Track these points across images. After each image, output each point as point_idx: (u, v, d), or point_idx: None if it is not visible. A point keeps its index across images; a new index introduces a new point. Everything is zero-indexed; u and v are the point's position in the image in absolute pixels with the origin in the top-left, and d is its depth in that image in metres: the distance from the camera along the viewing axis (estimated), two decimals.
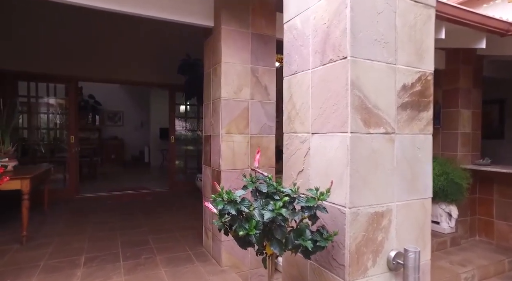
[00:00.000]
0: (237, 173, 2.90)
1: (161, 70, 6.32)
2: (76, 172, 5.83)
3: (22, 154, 5.73)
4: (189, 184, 6.69)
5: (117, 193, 6.19)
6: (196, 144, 7.19)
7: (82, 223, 4.26)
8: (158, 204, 5.44)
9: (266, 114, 3.04)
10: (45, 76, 5.58)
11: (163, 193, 6.40)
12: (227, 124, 2.86)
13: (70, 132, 5.78)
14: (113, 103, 11.46)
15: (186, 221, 4.42)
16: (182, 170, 7.11)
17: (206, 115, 3.27)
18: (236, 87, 2.90)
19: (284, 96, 1.81)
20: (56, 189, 5.75)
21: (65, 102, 5.88)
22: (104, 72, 5.96)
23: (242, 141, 2.93)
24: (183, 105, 7.22)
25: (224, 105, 2.85)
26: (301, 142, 1.66)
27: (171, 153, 6.58)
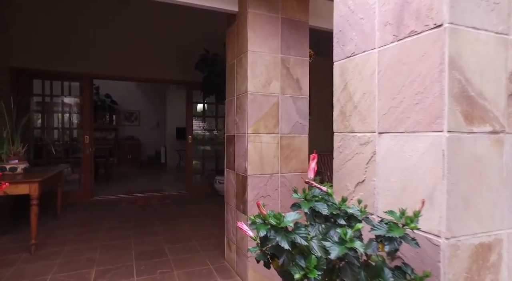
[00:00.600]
0: (265, 179, 2.53)
1: (178, 66, 6.02)
2: (90, 173, 5.60)
3: (37, 155, 5.55)
4: (207, 187, 6.37)
5: (133, 196, 5.93)
6: (214, 144, 6.87)
7: (95, 229, 3.99)
8: (174, 208, 5.13)
9: (298, 111, 2.66)
10: (59, 74, 5.36)
11: (180, 196, 6.10)
12: (255, 123, 2.50)
13: (85, 131, 5.55)
14: (130, 102, 11.31)
15: (205, 228, 4.08)
16: (199, 171, 6.81)
17: (229, 112, 2.92)
18: (264, 80, 2.53)
19: (335, 86, 1.43)
20: (70, 191, 5.53)
21: (80, 100, 5.65)
22: (119, 70, 5.71)
23: (271, 142, 2.56)
24: (200, 104, 6.91)
25: (251, 101, 2.48)
26: (361, 144, 1.28)
27: (188, 154, 6.28)
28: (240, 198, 2.62)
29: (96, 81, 10.63)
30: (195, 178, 6.50)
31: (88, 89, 5.59)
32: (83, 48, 5.44)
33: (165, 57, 5.97)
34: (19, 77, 5.19)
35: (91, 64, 5.51)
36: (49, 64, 5.27)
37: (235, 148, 2.73)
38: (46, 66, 5.26)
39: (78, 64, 5.42)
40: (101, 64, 5.57)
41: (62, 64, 5.33)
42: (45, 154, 5.73)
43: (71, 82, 5.64)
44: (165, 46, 5.96)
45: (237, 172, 2.70)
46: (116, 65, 5.67)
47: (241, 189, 2.59)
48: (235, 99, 2.74)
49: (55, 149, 6.08)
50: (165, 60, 5.97)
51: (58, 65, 5.31)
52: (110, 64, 5.63)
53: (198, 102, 6.54)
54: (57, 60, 5.29)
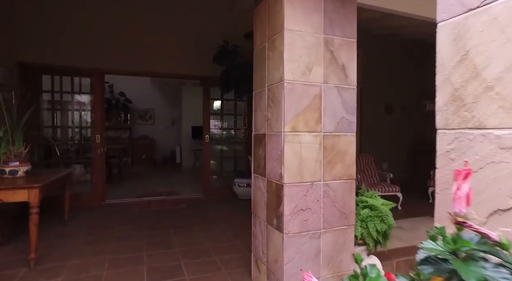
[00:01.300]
0: (305, 188, 2.06)
1: (195, 60, 5.60)
2: (102, 175, 5.23)
3: (47, 155, 5.23)
4: (225, 190, 5.93)
5: (146, 199, 5.54)
6: (232, 144, 6.42)
7: (104, 238, 3.59)
8: (191, 214, 4.71)
9: (344, 104, 2.17)
10: (68, 69, 5.01)
11: (196, 200, 5.68)
12: (293, 119, 2.02)
13: (96, 130, 5.18)
14: (144, 100, 11.01)
15: (226, 238, 3.63)
16: (217, 172, 6.37)
17: (258, 107, 2.45)
18: (304, 65, 2.05)
19: (442, 59, 0.94)
20: (80, 195, 5.18)
21: (91, 97, 5.29)
22: (132, 64, 5.32)
23: (313, 142, 2.07)
24: (217, 101, 6.49)
25: (289, 92, 2.01)
26: (503, 148, 0.79)
27: (205, 154, 5.85)
28: (273, 211, 2.15)
29: (110, 79, 10.38)
30: (212, 180, 6.07)
31: (99, 85, 5.22)
32: (94, 41, 5.08)
33: (181, 50, 5.56)
34: (27, 73, 4.86)
35: (103, 59, 5.15)
36: (58, 59, 4.93)
37: (267, 149, 2.26)
38: (55, 61, 4.91)
39: (89, 58, 5.07)
40: (113, 58, 5.20)
41: (72, 58, 4.98)
42: (55, 154, 5.40)
43: (82, 77, 5.28)
44: (181, 38, 5.54)
45: (268, 178, 2.23)
46: (128, 59, 5.29)
47: (275, 200, 2.12)
48: (266, 90, 2.27)
49: (67, 148, 5.76)
50: (181, 54, 5.56)
51: (67, 60, 4.96)
52: (123, 59, 5.25)
53: (215, 99, 6.11)
54: (66, 55, 4.95)
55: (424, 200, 5.48)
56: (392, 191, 4.88)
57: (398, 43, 6.62)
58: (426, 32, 5.60)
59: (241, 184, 5.48)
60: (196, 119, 10.30)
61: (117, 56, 5.22)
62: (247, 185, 5.45)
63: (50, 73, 5.07)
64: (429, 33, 5.80)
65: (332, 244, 2.15)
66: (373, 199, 2.41)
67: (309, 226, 2.07)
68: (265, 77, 2.29)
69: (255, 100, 2.51)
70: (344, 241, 2.19)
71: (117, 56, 5.22)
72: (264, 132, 2.30)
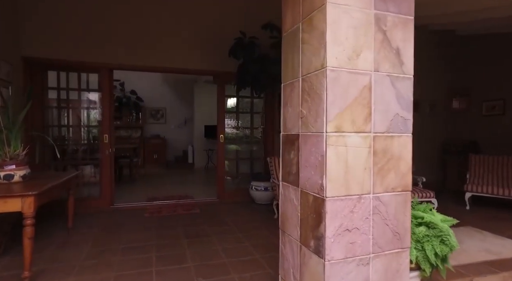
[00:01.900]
0: (352, 202, 1.64)
1: (208, 54, 5.22)
2: (110, 177, 4.91)
3: (54, 157, 4.93)
4: (241, 193, 5.55)
5: (157, 204, 5.19)
6: (249, 144, 6.01)
7: (110, 250, 3.24)
8: (205, 220, 4.33)
9: (399, 98, 1.74)
10: (74, 64, 4.69)
11: (211, 204, 5.30)
12: (337, 116, 1.61)
13: (104, 130, 4.86)
14: (156, 99, 10.73)
15: (245, 251, 3.23)
16: (232, 174, 5.99)
17: (288, 102, 2.04)
18: (351, 49, 1.63)
19: None
20: (87, 198, 4.87)
21: (99, 95, 4.96)
22: (141, 59, 4.97)
23: (361, 145, 1.66)
24: (231, 99, 6.10)
25: (333, 82, 1.59)
26: None
27: (219, 155, 5.47)
28: (309, 230, 1.74)
29: (121, 76, 10.11)
30: (227, 182, 5.68)
31: (107, 81, 4.89)
32: (102, 35, 4.75)
33: (194, 44, 5.19)
34: (33, 69, 4.56)
35: (111, 53, 4.82)
36: (64, 53, 4.61)
37: (301, 154, 1.85)
38: (61, 56, 4.60)
39: (96, 53, 4.74)
40: (122, 53, 4.86)
41: (79, 53, 4.66)
42: (63, 155, 5.11)
43: (89, 74, 4.96)
44: (194, 31, 5.17)
45: (303, 189, 1.82)
46: (138, 54, 4.95)
47: (313, 217, 1.71)
48: (300, 81, 1.86)
49: (75, 148, 5.47)
50: (194, 47, 5.19)
51: (74, 54, 4.65)
52: (132, 54, 4.91)
53: (230, 96, 5.71)
54: (73, 49, 4.63)
55: (460, 206, 4.98)
56: (426, 197, 4.40)
57: (426, 34, 6.09)
58: (457, 23, 5.10)
59: (258, 188, 5.09)
60: (209, 117, 9.97)
61: (126, 51, 4.88)
62: (265, 188, 5.05)
63: (56, 69, 4.76)
64: (461, 24, 5.20)
65: (383, 272, 1.73)
66: (430, 214, 1.97)
67: (356, 251, 1.65)
68: (298, 65, 1.88)
69: (284, 94, 2.10)
70: (398, 268, 1.76)
71: (126, 51, 4.88)
72: (297, 133, 1.89)
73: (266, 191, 5.06)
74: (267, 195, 5.09)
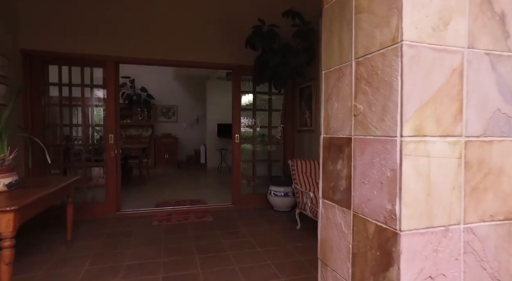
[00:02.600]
0: (436, 237, 1.14)
1: (223, 46, 4.76)
2: (116, 181, 4.50)
3: (55, 158, 4.56)
4: (258, 198, 5.08)
5: (166, 210, 4.77)
6: (266, 145, 5.52)
7: (111, 268, 2.81)
8: (219, 231, 3.88)
9: (501, 86, 1.22)
10: (77, 57, 4.29)
11: (225, 210, 4.85)
12: (417, 112, 1.10)
13: (108, 129, 4.45)
14: (167, 96, 10.35)
15: (269, 273, 2.75)
16: (248, 177, 5.52)
17: (333, 94, 1.54)
18: (437, 14, 1.12)
19: None
20: (91, 204, 4.48)
21: (103, 91, 4.56)
22: (150, 52, 4.54)
23: (449, 154, 1.15)
24: (245, 96, 5.62)
25: (411, 62, 1.09)
26: None
27: (235, 156, 5.00)
28: (370, 272, 1.25)
29: (131, 72, 9.75)
30: (243, 186, 5.21)
31: (113, 76, 4.48)
32: (107, 26, 4.35)
33: (206, 35, 4.73)
34: (32, 63, 4.18)
35: (117, 45, 4.41)
36: (66, 46, 4.22)
37: (355, 164, 1.35)
38: (62, 48, 4.21)
39: (101, 45, 4.34)
40: (129, 45, 4.45)
41: (82, 45, 4.27)
42: (64, 157, 4.73)
43: (94, 68, 4.55)
44: (207, 21, 4.72)
45: (359, 214, 1.32)
46: (146, 46, 4.52)
47: (377, 256, 1.21)
48: (353, 65, 1.36)
49: (78, 150, 5.09)
50: (206, 39, 4.73)
51: (76, 47, 4.25)
52: (140, 46, 4.49)
53: (247, 91, 5.24)
54: (75, 41, 4.24)
55: None
56: None
57: None
58: None
59: (277, 193, 4.60)
60: (222, 115, 9.55)
61: (134, 43, 4.46)
62: (285, 194, 4.56)
63: (58, 63, 4.37)
64: None
65: None
66: None
67: None
68: (349, 44, 1.38)
69: (327, 84, 1.60)
70: None
71: (134, 43, 4.46)
72: (348, 136, 1.39)
73: (286, 197, 4.57)
74: (287, 202, 4.60)
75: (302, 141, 4.90)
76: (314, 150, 4.49)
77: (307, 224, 4.03)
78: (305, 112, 4.77)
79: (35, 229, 3.79)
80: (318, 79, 4.32)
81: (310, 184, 4.03)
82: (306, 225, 4.02)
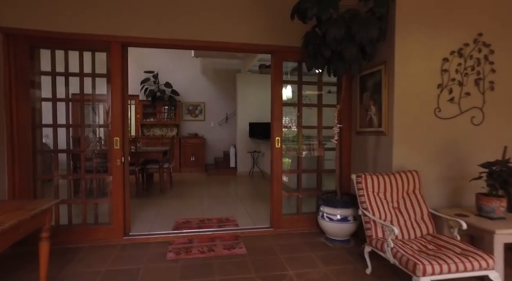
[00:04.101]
0: None
1: (260, 21, 3.63)
2: (122, 197, 3.50)
3: (47, 167, 3.62)
4: (304, 221, 3.91)
5: (187, 234, 3.70)
6: (315, 151, 4.31)
7: None
8: (257, 275, 2.74)
9: None
10: (74, 38, 3.31)
11: (263, 237, 3.72)
12: None
13: (114, 131, 3.45)
14: (193, 93, 9.39)
15: None
16: (288, 189, 4.35)
17: None
18: None
19: None
20: (90, 227, 3.50)
21: (108, 81, 3.55)
22: (166, 32, 3.50)
23: None
24: (291, 85, 4.44)
25: None
26: None
27: (275, 165, 3.84)
28: None
29: (153, 66, 8.88)
30: (285, 203, 4.03)
31: (119, 62, 3.47)
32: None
33: (239, 8, 3.62)
34: (16, 45, 3.25)
35: (124, 23, 3.41)
36: (59, 23, 3.26)
37: None
38: (56, 26, 3.26)
39: (104, 23, 3.35)
40: (140, 23, 3.43)
41: (80, 23, 3.30)
42: (46, 166, 3.79)
43: (96, 52, 3.57)
44: None
45: None
46: (162, 24, 3.48)
47: None
48: None
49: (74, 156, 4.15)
50: (237, 13, 3.62)
51: (73, 25, 3.29)
52: (154, 23, 3.46)
53: (290, 81, 4.06)
54: (72, 17, 3.28)
55: None
56: None
57: None
58: None
59: (333, 217, 3.40)
60: (254, 113, 8.46)
61: (146, 20, 3.43)
62: (343, 219, 3.37)
63: (51, 46, 3.41)
64: None
65: None
66: None
67: None
68: None
69: None
70: None
71: (146, 20, 3.43)
72: None
73: (344, 222, 3.37)
74: (346, 229, 3.39)
75: (364, 147, 3.67)
76: (383, 159, 3.25)
77: (381, 266, 2.82)
78: (370, 107, 3.53)
79: (7, 263, 2.85)
80: (392, 62, 3.08)
81: (387, 210, 2.80)
82: (380, 268, 2.80)
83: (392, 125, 3.12)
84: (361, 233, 3.17)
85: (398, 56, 3.04)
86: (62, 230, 3.40)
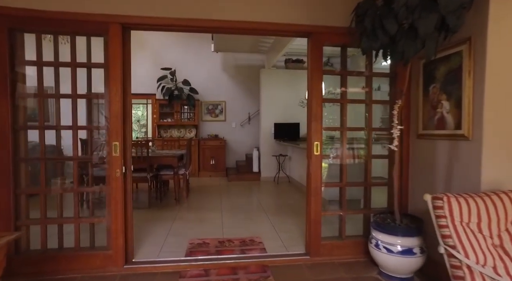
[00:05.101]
0: None
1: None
2: (121, 217, 2.81)
3: (33, 177, 2.98)
4: (349, 247, 3.09)
5: (202, 263, 2.96)
6: (362, 157, 3.46)
7: None
8: None
9: None
10: (65, 18, 2.66)
11: (297, 268, 2.93)
12: None
13: (111, 134, 2.77)
14: (213, 91, 8.72)
15: None
16: (323, 202, 3.53)
17: None
18: None
19: None
20: (84, 253, 2.83)
21: (105, 72, 2.87)
22: (175, 9, 2.78)
23: None
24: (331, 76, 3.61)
25: None
26: None
27: (313, 177, 3.03)
28: None
29: (169, 62, 8.25)
30: (325, 222, 3.20)
31: (116, 47, 2.78)
32: None
33: None
34: None
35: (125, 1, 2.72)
36: (45, 1, 2.62)
37: None
38: (41, 4, 2.61)
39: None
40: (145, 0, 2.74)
41: (72, 1, 2.64)
42: (34, 176, 3.15)
43: (92, 36, 2.89)
44: None
45: None
46: (173, 1, 2.78)
47: None
48: None
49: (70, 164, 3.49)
50: None
51: (64, 3, 2.63)
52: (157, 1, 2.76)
53: (330, 71, 3.24)
54: None
55: None
56: None
57: None
58: None
59: (391, 248, 2.57)
60: (280, 113, 7.70)
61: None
62: (406, 251, 2.53)
63: (36, 30, 2.76)
64: None
65: None
66: None
67: None
68: None
69: None
70: None
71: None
72: None
73: (409, 255, 2.53)
74: (411, 264, 2.56)
75: (430, 155, 2.80)
76: (463, 172, 2.40)
77: None
78: (440, 103, 2.68)
79: None
80: (483, 38, 2.22)
81: (486, 250, 1.94)
82: None
83: (481, 126, 2.26)
84: (426, 268, 2.33)
85: (493, 29, 2.18)
86: (50, 257, 2.75)
